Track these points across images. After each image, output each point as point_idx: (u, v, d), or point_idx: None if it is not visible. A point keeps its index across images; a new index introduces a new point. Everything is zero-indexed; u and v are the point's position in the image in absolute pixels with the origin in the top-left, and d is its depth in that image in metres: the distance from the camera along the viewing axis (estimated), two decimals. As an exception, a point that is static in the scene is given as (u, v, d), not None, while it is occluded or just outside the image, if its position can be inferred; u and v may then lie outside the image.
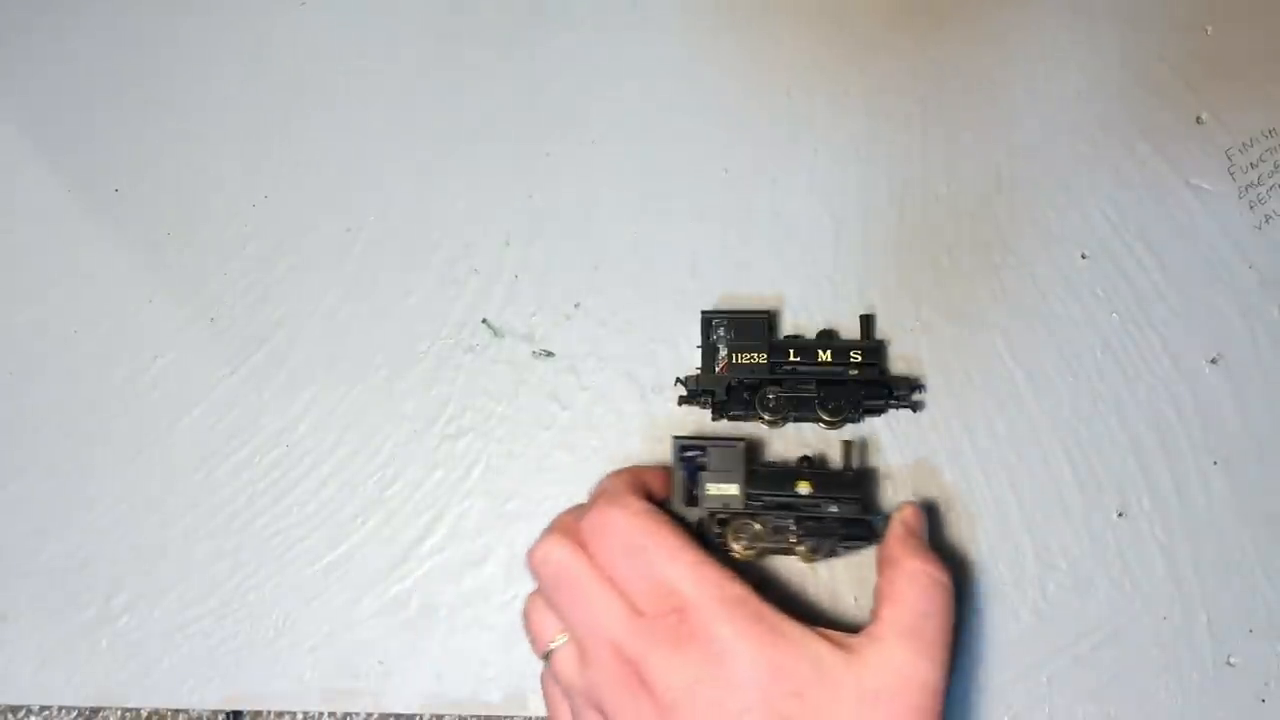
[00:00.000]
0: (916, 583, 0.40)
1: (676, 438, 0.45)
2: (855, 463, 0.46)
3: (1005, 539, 0.47)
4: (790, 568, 0.47)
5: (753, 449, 0.47)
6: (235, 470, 0.50)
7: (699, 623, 0.37)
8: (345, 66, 0.55)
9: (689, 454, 0.44)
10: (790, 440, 0.48)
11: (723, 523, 0.43)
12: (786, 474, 0.44)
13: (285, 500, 0.50)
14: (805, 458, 0.47)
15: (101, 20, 0.57)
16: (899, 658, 0.38)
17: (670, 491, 0.44)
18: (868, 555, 0.47)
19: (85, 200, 0.54)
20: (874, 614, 0.40)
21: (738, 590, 0.38)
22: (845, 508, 0.44)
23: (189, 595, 0.49)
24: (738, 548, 0.43)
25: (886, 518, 0.45)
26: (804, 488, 0.44)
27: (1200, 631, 0.46)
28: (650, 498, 0.43)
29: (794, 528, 0.43)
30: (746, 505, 0.43)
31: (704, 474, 0.44)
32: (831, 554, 0.45)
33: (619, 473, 0.45)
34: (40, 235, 0.54)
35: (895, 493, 0.48)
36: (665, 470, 0.45)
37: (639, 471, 0.45)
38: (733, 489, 0.43)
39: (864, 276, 0.50)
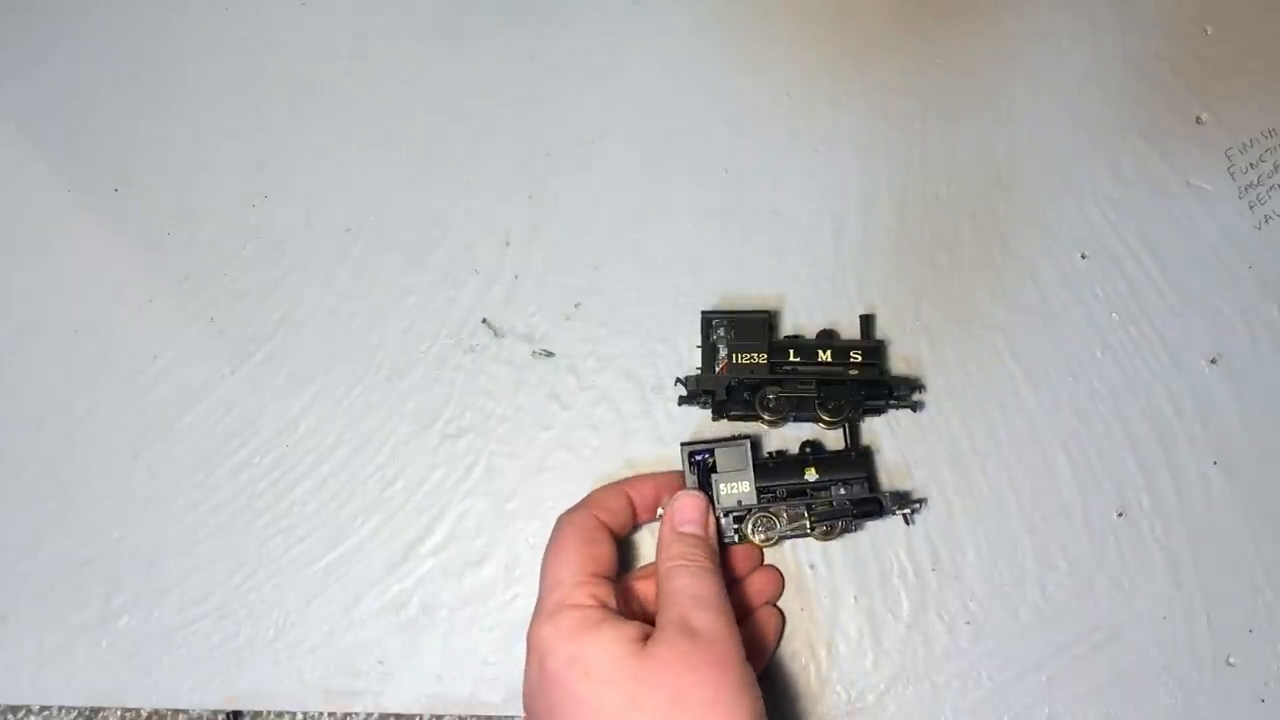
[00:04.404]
0: None
1: (684, 444, 0.46)
2: (854, 441, 0.47)
3: (1005, 539, 0.47)
4: (789, 570, 0.47)
5: (756, 442, 0.48)
6: (235, 470, 0.50)
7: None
8: (345, 66, 0.55)
9: (698, 457, 0.45)
10: (790, 439, 0.48)
11: (739, 519, 0.45)
12: (793, 462, 0.46)
13: (285, 500, 0.50)
14: (807, 443, 0.47)
15: (102, 21, 0.57)
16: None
17: (660, 495, 0.45)
18: (868, 554, 0.47)
19: (85, 200, 0.54)
20: None
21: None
22: (854, 488, 0.45)
23: (189, 595, 0.49)
24: (757, 539, 0.44)
25: (895, 494, 0.46)
26: (811, 473, 0.45)
27: (1200, 631, 0.46)
28: (633, 505, 0.45)
29: (808, 514, 0.45)
30: (759, 498, 0.45)
31: (715, 475, 0.45)
32: (845, 531, 0.46)
33: (606, 484, 0.46)
34: (40, 235, 0.54)
35: (897, 493, 0.48)
36: (654, 478, 0.46)
37: (625, 483, 0.46)
38: (744, 486, 0.45)
39: (864, 276, 0.50)
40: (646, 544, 0.48)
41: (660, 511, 0.45)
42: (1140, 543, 0.47)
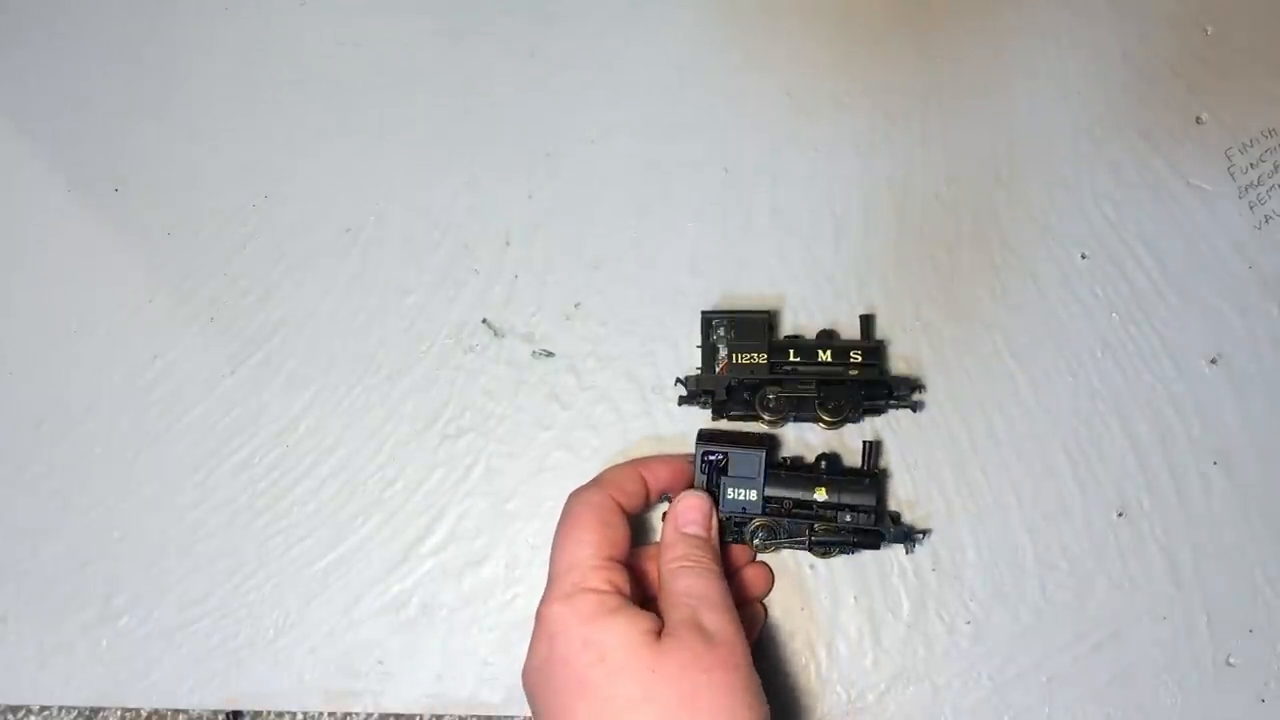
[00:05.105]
0: None
1: (702, 432, 0.46)
2: (872, 464, 0.47)
3: (1005, 539, 0.47)
4: (789, 570, 0.47)
5: (773, 446, 0.48)
6: (235, 470, 0.50)
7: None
8: (345, 66, 0.55)
9: (711, 457, 0.45)
10: (791, 440, 0.49)
11: (740, 524, 0.45)
12: (805, 477, 0.45)
13: (285, 500, 0.50)
14: (823, 456, 0.47)
15: (101, 21, 0.56)
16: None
17: (673, 479, 0.45)
18: (868, 554, 0.47)
19: (85, 200, 0.54)
20: None
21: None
22: (860, 517, 0.44)
23: (189, 595, 0.49)
24: (754, 545, 0.44)
25: (901, 528, 0.46)
26: (821, 494, 0.45)
27: (1200, 631, 0.46)
28: (646, 487, 0.44)
29: (809, 534, 0.44)
30: (764, 509, 0.45)
31: (725, 478, 0.45)
32: (844, 552, 0.46)
33: (620, 464, 0.46)
34: (40, 235, 0.54)
35: (896, 493, 0.48)
36: (667, 461, 0.46)
37: (640, 464, 0.45)
38: (752, 494, 0.45)
39: (864, 276, 0.50)
40: (655, 523, 0.48)
41: (666, 496, 0.45)
42: (1140, 543, 0.47)
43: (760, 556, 0.47)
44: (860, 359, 0.47)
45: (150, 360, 0.52)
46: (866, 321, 0.49)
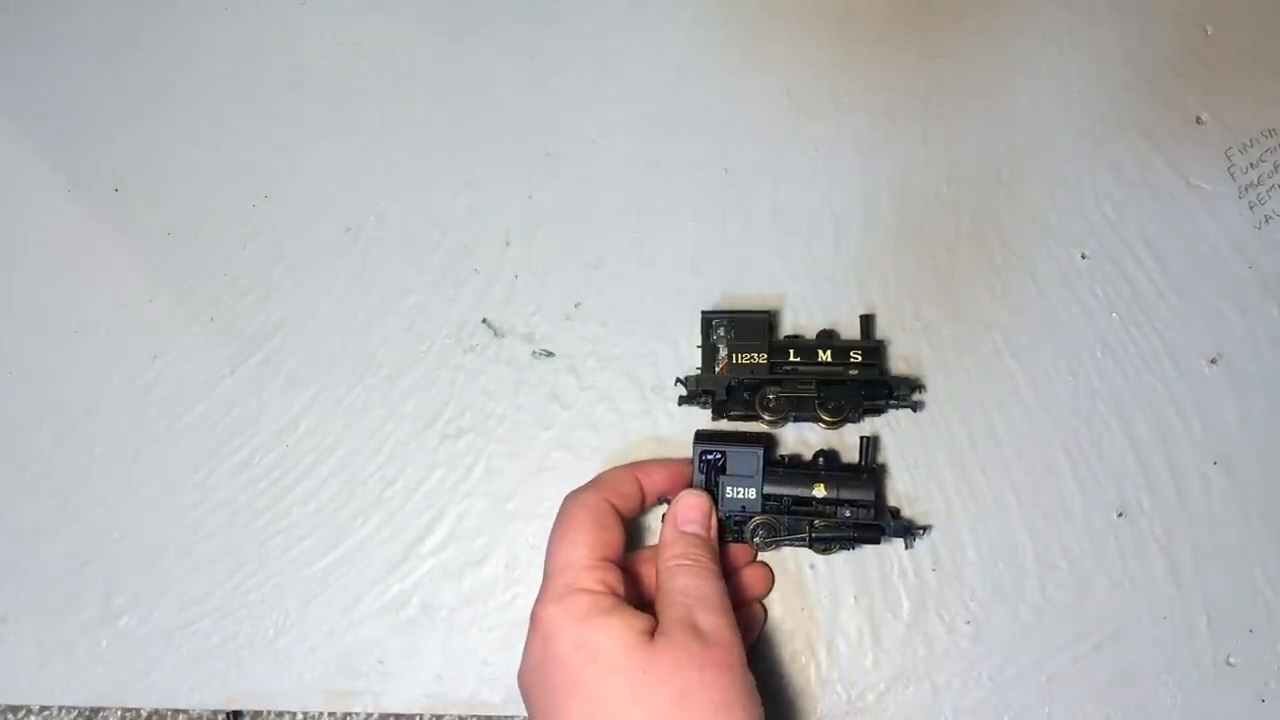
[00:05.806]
0: None
1: (699, 433, 0.46)
2: (870, 459, 0.47)
3: (1005, 539, 0.47)
4: (789, 570, 0.47)
5: (771, 445, 0.48)
6: (235, 470, 0.50)
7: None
8: (345, 66, 0.55)
9: (709, 456, 0.45)
10: (791, 440, 0.48)
11: (739, 523, 0.45)
12: (803, 475, 0.45)
13: (285, 500, 0.50)
14: (821, 453, 0.47)
15: (102, 21, 0.56)
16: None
17: (670, 483, 0.45)
18: (868, 554, 0.47)
19: (85, 200, 0.54)
20: None
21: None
22: (859, 512, 0.44)
23: (189, 595, 0.49)
24: (755, 543, 0.44)
25: (900, 523, 0.46)
26: (820, 490, 0.45)
27: (1200, 631, 0.46)
28: (642, 490, 0.44)
29: (809, 530, 0.44)
30: (764, 507, 0.45)
31: (723, 477, 0.45)
32: (844, 548, 0.46)
33: (616, 467, 0.46)
34: (40, 235, 0.54)
35: (896, 492, 0.48)
36: (664, 465, 0.46)
37: (636, 467, 0.45)
38: (750, 493, 0.45)
39: (864, 276, 0.50)
40: (651, 525, 0.48)
41: (665, 499, 0.45)
42: (1140, 543, 0.47)
43: (761, 555, 0.47)
44: (860, 359, 0.47)
45: (150, 360, 0.52)
46: (866, 321, 0.49)
